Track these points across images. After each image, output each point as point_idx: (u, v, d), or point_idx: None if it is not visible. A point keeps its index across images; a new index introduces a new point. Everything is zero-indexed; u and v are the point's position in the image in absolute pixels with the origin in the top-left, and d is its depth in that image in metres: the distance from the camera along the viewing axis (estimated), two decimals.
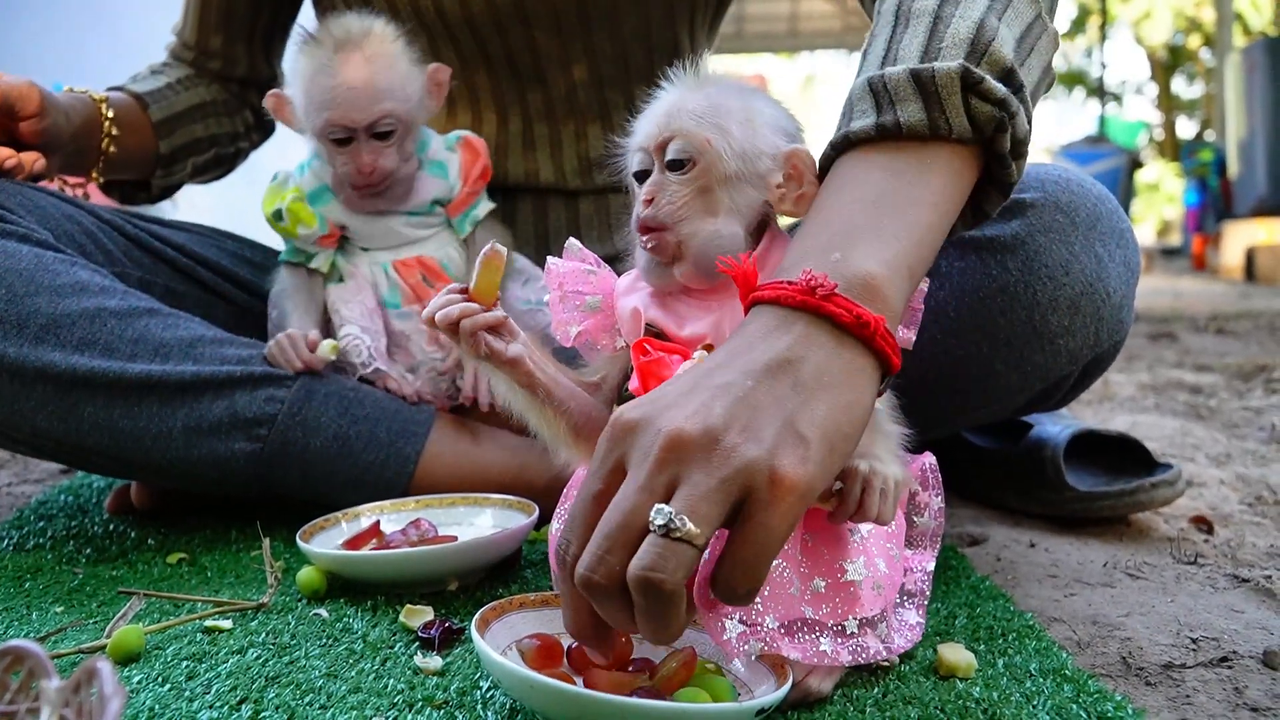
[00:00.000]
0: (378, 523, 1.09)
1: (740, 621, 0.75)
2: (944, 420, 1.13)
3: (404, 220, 1.29)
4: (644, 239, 0.83)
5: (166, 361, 1.13)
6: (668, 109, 0.85)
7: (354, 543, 1.06)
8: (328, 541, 1.06)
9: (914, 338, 0.82)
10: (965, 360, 1.07)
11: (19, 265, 1.11)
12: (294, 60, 1.24)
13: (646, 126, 0.86)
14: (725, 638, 0.75)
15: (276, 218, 1.27)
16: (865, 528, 0.81)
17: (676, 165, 0.83)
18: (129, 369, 1.11)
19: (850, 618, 0.79)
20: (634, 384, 0.83)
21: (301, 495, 1.20)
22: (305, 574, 1.00)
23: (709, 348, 0.82)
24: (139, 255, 1.31)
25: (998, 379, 1.08)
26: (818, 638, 0.77)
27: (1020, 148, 0.81)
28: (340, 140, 1.21)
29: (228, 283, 1.39)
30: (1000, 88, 0.78)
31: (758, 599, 0.75)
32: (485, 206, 1.32)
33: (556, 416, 0.84)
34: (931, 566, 0.89)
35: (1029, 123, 0.81)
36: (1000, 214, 1.02)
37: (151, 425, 1.12)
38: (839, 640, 0.78)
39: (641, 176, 0.86)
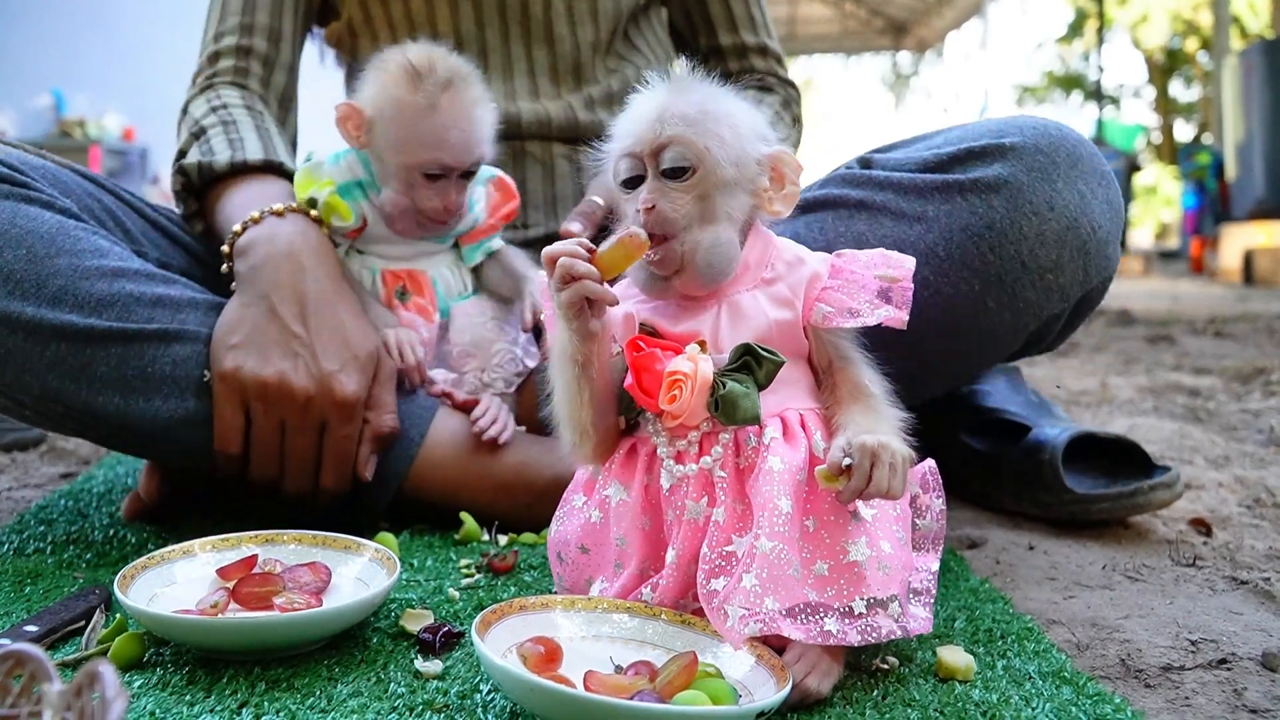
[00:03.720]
0: (255, 556, 0.94)
1: (740, 606, 0.75)
2: (940, 369, 1.14)
3: (417, 240, 1.31)
4: (650, 253, 0.83)
5: (184, 325, 1.14)
6: (658, 113, 0.84)
7: (228, 571, 0.92)
8: (156, 583, 0.91)
9: (906, 316, 0.84)
10: (957, 300, 1.08)
11: (41, 228, 1.12)
12: (383, 87, 1.22)
13: (635, 129, 0.85)
14: (728, 625, 0.76)
15: (310, 204, 1.28)
16: (868, 512, 0.82)
17: (676, 173, 0.83)
18: (145, 329, 1.12)
19: (857, 598, 0.79)
20: (629, 381, 0.83)
21: None
22: (121, 643, 0.83)
23: (702, 344, 0.82)
24: (156, 237, 1.32)
25: (990, 317, 1.09)
26: (822, 619, 0.77)
27: None
28: (433, 175, 1.23)
29: None
30: None
31: (757, 583, 0.76)
32: (499, 242, 1.34)
33: (587, 405, 0.85)
34: (935, 566, 0.89)
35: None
36: (983, 158, 1.08)
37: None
38: (846, 621, 0.78)
39: (630, 183, 0.86)
